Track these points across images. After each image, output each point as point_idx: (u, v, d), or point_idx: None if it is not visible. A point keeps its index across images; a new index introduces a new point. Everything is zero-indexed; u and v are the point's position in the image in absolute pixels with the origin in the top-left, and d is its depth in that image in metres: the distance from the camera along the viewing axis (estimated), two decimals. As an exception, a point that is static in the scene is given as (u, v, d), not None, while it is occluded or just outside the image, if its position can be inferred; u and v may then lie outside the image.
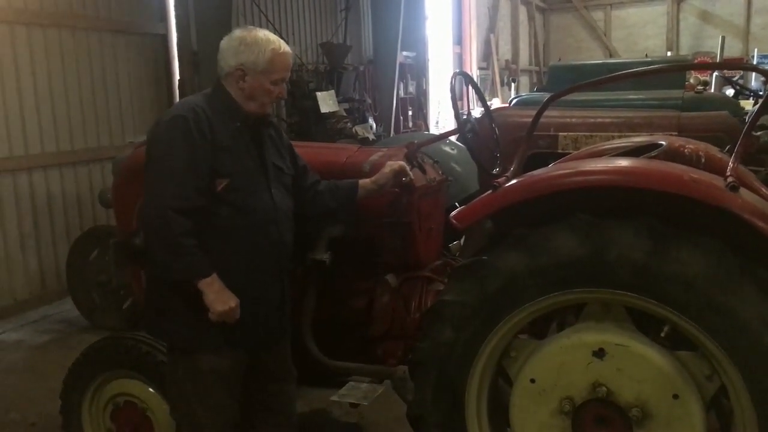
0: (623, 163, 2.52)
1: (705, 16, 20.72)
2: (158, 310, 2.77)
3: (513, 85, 17.94)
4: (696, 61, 13.43)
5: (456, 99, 3.30)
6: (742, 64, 4.79)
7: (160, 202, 2.53)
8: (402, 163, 3.12)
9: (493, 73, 18.03)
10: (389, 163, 3.11)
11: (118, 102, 7.60)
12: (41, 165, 6.74)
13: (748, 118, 2.61)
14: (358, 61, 12.41)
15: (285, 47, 2.75)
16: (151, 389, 3.18)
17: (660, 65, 5.94)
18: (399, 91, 12.48)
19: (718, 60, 12.93)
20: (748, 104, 7.33)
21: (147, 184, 2.60)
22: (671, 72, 5.69)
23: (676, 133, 4.29)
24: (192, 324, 2.67)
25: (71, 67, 7.02)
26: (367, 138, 9.89)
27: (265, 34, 2.73)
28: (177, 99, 8.37)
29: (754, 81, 12.76)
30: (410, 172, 3.14)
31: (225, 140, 2.65)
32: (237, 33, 2.73)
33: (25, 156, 6.57)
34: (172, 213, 2.51)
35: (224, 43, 2.74)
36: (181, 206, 2.53)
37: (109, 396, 3.30)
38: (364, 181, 3.09)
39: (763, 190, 2.76)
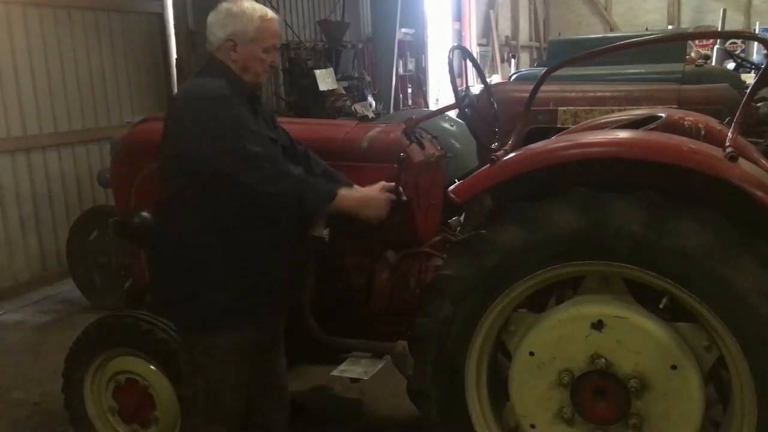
0: (621, 135, 2.51)
1: (706, -10, 20.54)
2: (171, 291, 2.75)
3: (513, 61, 17.81)
4: (697, 35, 13.26)
5: (454, 74, 3.27)
6: (741, 32, 4.75)
7: (251, 150, 2.55)
8: (392, 184, 3.03)
9: (493, 49, 17.91)
10: (382, 183, 3.00)
11: (115, 82, 7.56)
12: (40, 146, 6.72)
13: (749, 90, 2.59)
14: (357, 38, 12.33)
15: (272, 14, 2.76)
16: (152, 367, 3.20)
17: (657, 35, 5.90)
18: (398, 68, 12.39)
19: (719, 34, 12.79)
20: (749, 77, 7.28)
21: (224, 149, 2.55)
22: (669, 42, 5.64)
23: (676, 106, 4.26)
24: (211, 302, 2.65)
25: (67, 47, 6.98)
26: (367, 116, 9.84)
27: (250, 3, 2.73)
28: (174, 78, 8.33)
29: (756, 54, 12.66)
30: (402, 191, 3.06)
31: (245, 115, 2.67)
32: (223, 5, 2.73)
33: (23, 137, 6.55)
34: (267, 154, 2.59)
35: (211, 17, 2.73)
36: (268, 148, 2.62)
37: (110, 374, 3.31)
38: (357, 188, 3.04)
39: (763, 161, 2.75)
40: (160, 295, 2.88)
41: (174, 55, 8.34)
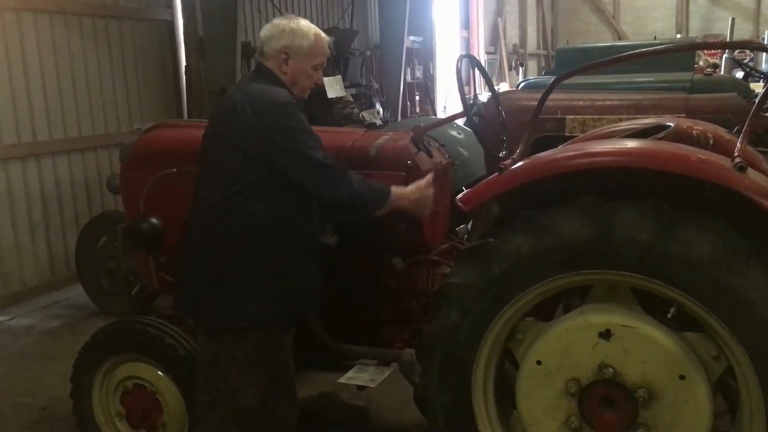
0: (630, 144, 2.51)
1: (715, -2, 20.51)
2: (195, 291, 2.80)
3: (521, 69, 17.82)
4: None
5: (462, 82, 3.28)
6: (750, 42, 4.71)
7: (324, 159, 2.72)
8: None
9: (501, 57, 17.91)
10: (428, 177, 3.10)
11: (125, 88, 7.60)
12: (49, 152, 6.75)
13: (758, 99, 2.59)
14: (365, 46, 12.35)
15: (325, 34, 2.90)
16: (160, 372, 3.21)
17: (666, 45, 5.89)
18: (406, 76, 12.40)
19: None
20: (758, 87, 7.25)
21: (302, 156, 2.69)
22: (677, 52, 5.64)
23: (684, 115, 4.26)
24: (249, 302, 2.72)
25: (78, 54, 7.02)
26: (374, 123, 9.85)
27: (306, 21, 2.88)
28: (183, 85, 8.37)
29: (765, 63, 12.62)
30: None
31: None
32: (279, 20, 2.86)
33: (33, 143, 6.58)
34: (330, 160, 2.73)
35: (267, 29, 2.86)
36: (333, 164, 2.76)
37: (118, 379, 3.32)
38: None
39: (772, 171, 2.74)
40: (188, 293, 2.88)
41: (183, 63, 8.38)
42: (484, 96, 4.37)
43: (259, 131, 2.67)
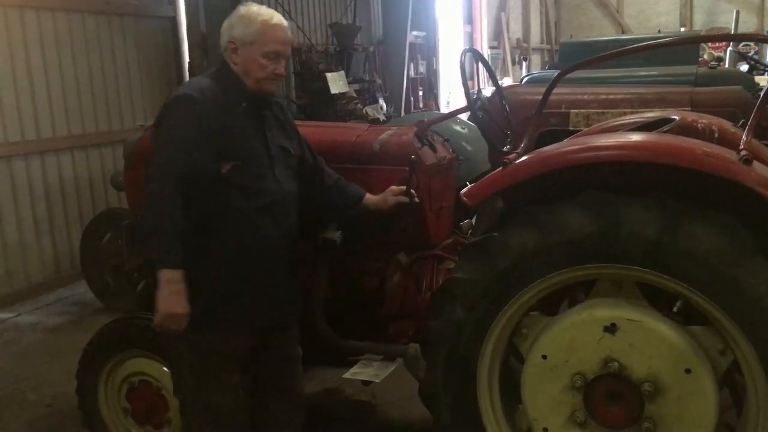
0: (634, 137, 2.50)
1: (719, -8, 20.43)
2: None
3: (524, 63, 17.79)
4: (710, 37, 13.22)
5: (465, 77, 3.27)
6: (755, 35, 4.69)
7: (168, 168, 2.52)
8: (404, 187, 3.08)
9: (504, 52, 17.89)
10: (392, 188, 3.07)
11: (128, 85, 7.61)
12: (53, 149, 6.77)
13: (763, 92, 2.58)
14: (368, 41, 12.34)
15: (278, 20, 2.70)
16: (165, 368, 3.21)
17: (670, 38, 5.87)
18: (409, 71, 12.40)
19: (732, 36, 12.73)
20: (763, 80, 7.24)
21: (156, 152, 2.58)
22: (681, 44, 5.62)
23: (689, 108, 4.25)
24: (196, 305, 2.60)
25: (81, 51, 7.03)
26: (378, 119, 9.85)
27: (259, 7, 2.71)
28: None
29: (770, 56, 12.57)
30: (414, 193, 3.09)
31: (231, 121, 2.65)
32: (236, 9, 2.73)
33: (36, 140, 6.60)
34: (174, 181, 2.48)
35: (225, 20, 2.75)
36: (187, 174, 2.51)
37: (124, 376, 3.33)
38: (369, 196, 3.07)
39: (777, 164, 2.73)
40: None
41: (186, 59, 8.38)
42: (487, 91, 4.36)
43: (158, 122, 2.67)
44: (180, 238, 2.49)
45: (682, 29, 19.70)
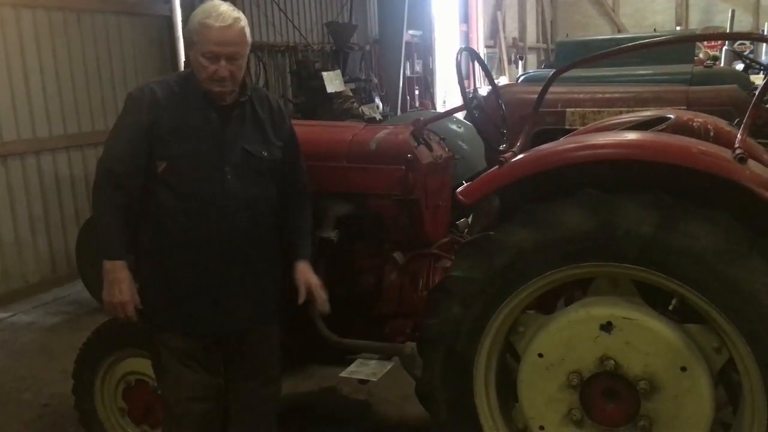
0: (630, 136, 2.51)
1: (715, -10, 20.45)
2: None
3: (520, 62, 17.80)
4: (705, 36, 13.25)
5: (462, 75, 3.27)
6: (750, 34, 4.70)
7: (106, 164, 2.64)
8: (313, 282, 2.86)
9: (500, 51, 17.89)
10: (314, 282, 2.87)
11: (124, 84, 7.57)
12: (49, 148, 6.75)
13: (758, 91, 2.59)
14: (364, 40, 12.34)
15: (220, 20, 2.52)
16: (161, 368, 3.21)
17: (666, 37, 5.89)
18: (405, 70, 12.40)
19: (727, 34, 12.73)
20: (758, 79, 7.25)
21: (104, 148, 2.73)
22: (677, 43, 5.64)
23: (684, 107, 4.25)
24: (147, 300, 2.70)
25: (76, 50, 7.00)
26: (374, 118, 9.85)
27: (213, 4, 2.59)
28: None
29: (765, 55, 12.60)
30: (322, 292, 2.88)
31: (176, 121, 2.60)
32: None
33: (32, 139, 6.58)
34: (110, 177, 2.60)
35: None
36: (122, 170, 2.60)
37: (120, 375, 3.33)
38: (300, 265, 2.86)
39: (773, 162, 2.74)
40: None
41: (182, 58, 8.36)
42: (484, 89, 4.37)
43: None
44: (119, 232, 2.62)
45: (678, 28, 19.71)
